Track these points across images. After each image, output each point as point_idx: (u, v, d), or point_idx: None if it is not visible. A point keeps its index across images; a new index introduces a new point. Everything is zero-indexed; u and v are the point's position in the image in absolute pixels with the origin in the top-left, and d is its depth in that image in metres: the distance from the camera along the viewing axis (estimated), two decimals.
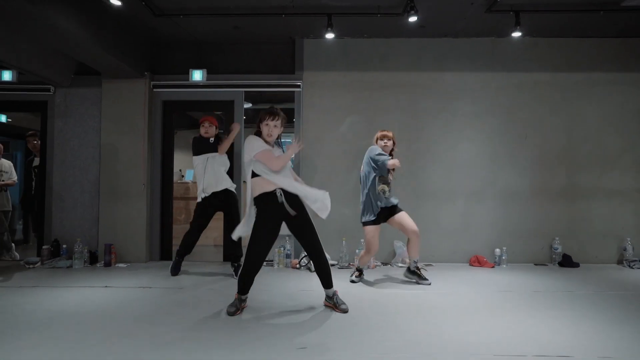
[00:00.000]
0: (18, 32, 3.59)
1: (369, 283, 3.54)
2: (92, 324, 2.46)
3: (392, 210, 3.43)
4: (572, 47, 4.47)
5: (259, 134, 2.67)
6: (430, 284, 3.43)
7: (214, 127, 3.82)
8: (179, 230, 4.92)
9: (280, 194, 2.58)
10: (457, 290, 3.30)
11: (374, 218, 3.37)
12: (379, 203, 3.36)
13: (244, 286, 2.65)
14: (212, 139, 3.78)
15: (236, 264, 3.75)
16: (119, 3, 3.09)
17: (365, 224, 3.43)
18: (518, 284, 3.51)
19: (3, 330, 2.35)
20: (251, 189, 2.63)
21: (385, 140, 3.44)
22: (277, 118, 2.62)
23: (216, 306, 2.82)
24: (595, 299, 3.03)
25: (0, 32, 3.55)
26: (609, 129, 4.47)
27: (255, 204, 2.65)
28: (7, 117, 6.04)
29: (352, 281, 3.54)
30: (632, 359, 2.00)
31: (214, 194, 3.71)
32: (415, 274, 3.52)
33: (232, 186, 3.83)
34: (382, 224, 3.47)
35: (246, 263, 2.60)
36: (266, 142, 2.64)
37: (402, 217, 3.41)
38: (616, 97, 4.46)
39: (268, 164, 2.56)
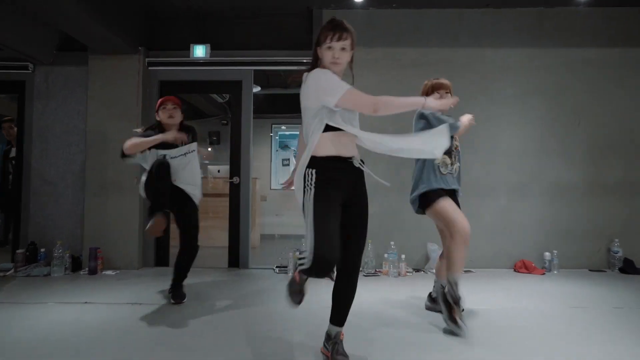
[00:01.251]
0: None
1: (396, 294, 2.93)
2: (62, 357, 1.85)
3: (452, 197, 2.41)
4: (631, 18, 3.88)
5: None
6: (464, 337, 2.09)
7: (179, 110, 2.81)
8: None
9: (360, 163, 1.72)
10: (509, 303, 2.70)
11: (435, 189, 2.33)
12: (435, 180, 2.34)
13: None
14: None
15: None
16: None
17: (425, 200, 2.36)
18: (589, 297, 2.91)
19: None
20: (312, 149, 1.64)
21: (442, 92, 2.44)
22: (344, 36, 1.64)
23: (229, 328, 2.21)
24: None
25: None
26: None
27: (314, 172, 1.63)
28: None
29: (450, 330, 2.15)
30: None
31: None
32: (447, 306, 2.17)
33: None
34: (422, 216, 2.51)
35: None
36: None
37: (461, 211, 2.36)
38: None
39: (368, 107, 1.63)
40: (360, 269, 2.82)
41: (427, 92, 2.46)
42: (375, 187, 2.07)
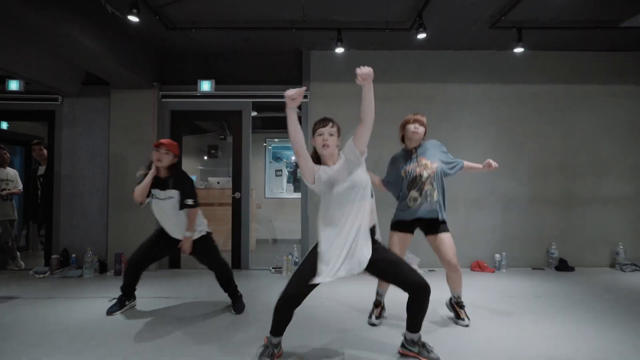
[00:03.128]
0: (30, 44, 3.60)
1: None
2: (114, 336, 2.54)
3: (434, 225, 2.71)
4: (569, 60, 4.66)
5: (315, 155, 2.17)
6: (467, 326, 2.74)
7: (171, 155, 2.87)
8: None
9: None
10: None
11: (394, 222, 2.79)
12: (400, 212, 2.75)
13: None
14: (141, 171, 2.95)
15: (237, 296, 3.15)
16: (137, 20, 3.13)
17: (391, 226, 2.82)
18: (519, 289, 3.68)
19: (29, 344, 2.41)
20: (371, 215, 2.13)
21: (417, 125, 2.69)
22: (330, 124, 2.13)
23: (231, 314, 2.91)
24: (593, 303, 3.21)
25: (13, 44, 3.57)
26: (603, 139, 4.67)
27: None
28: (7, 124, 5.98)
29: (373, 324, 2.77)
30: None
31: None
32: (453, 309, 2.87)
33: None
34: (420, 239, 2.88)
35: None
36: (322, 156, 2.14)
37: (447, 239, 2.67)
38: (610, 108, 4.67)
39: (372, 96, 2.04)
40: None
41: (405, 124, 2.78)
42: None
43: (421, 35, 3.59)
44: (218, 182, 6.42)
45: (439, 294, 3.59)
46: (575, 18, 3.79)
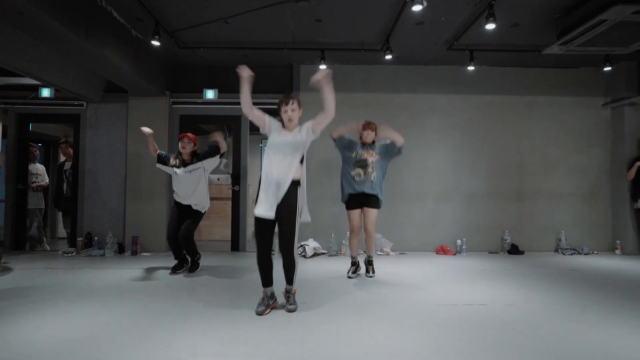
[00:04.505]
0: (69, 61, 4.36)
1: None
2: (130, 294, 3.28)
3: (368, 200, 3.64)
4: (519, 75, 5.46)
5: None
6: (372, 277, 3.75)
7: (192, 144, 3.95)
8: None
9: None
10: (426, 271, 4.21)
11: (345, 201, 3.73)
12: (348, 188, 3.67)
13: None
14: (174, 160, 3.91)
15: (190, 260, 3.98)
16: (158, 44, 3.90)
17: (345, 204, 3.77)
18: (473, 267, 4.45)
19: (67, 302, 3.14)
20: (301, 172, 2.76)
21: (368, 132, 3.68)
22: (292, 101, 2.74)
23: (232, 280, 3.66)
24: (525, 275, 3.97)
25: (54, 59, 4.32)
26: (551, 142, 5.47)
27: (297, 189, 2.71)
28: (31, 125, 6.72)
29: (349, 277, 3.76)
30: (529, 306, 2.91)
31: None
32: (365, 266, 3.84)
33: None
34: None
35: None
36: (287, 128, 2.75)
37: (372, 212, 3.65)
38: (557, 116, 5.47)
39: (332, 96, 2.63)
40: (326, 252, 4.66)
41: (362, 129, 3.73)
42: (337, 195, 3.93)
43: (388, 56, 4.37)
44: (218, 179, 7.17)
45: (410, 273, 4.35)
46: (514, 42, 4.59)
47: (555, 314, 2.71)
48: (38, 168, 5.46)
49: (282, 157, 2.66)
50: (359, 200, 3.69)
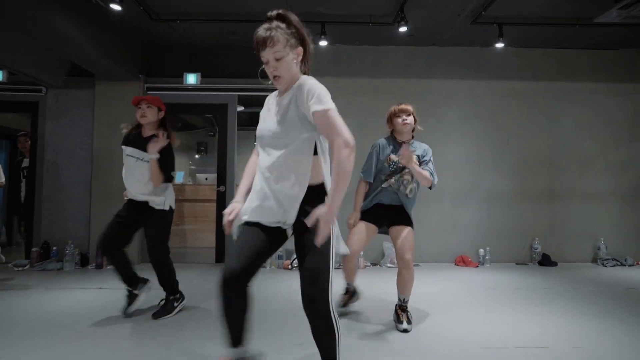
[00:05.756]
0: (13, 32, 3.59)
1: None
2: (89, 325, 2.51)
3: (398, 216, 2.52)
4: (552, 58, 4.72)
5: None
6: (407, 332, 2.40)
7: (155, 109, 2.68)
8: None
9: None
10: (445, 290, 3.46)
11: (363, 210, 2.59)
12: (374, 195, 2.56)
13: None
14: (125, 129, 2.75)
15: (172, 297, 2.74)
16: (119, 8, 3.14)
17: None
18: (501, 283, 3.70)
19: (3, 333, 2.37)
20: (310, 172, 1.47)
21: (404, 116, 2.51)
22: (270, 41, 1.41)
23: (211, 303, 2.90)
24: (573, 295, 3.24)
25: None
26: (585, 135, 4.74)
27: (311, 199, 1.47)
28: None
29: (342, 313, 2.68)
30: (603, 349, 2.18)
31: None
32: (396, 313, 2.52)
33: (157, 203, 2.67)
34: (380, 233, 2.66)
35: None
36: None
37: (406, 232, 2.44)
38: (591, 105, 4.74)
39: (340, 136, 1.34)
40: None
41: (391, 118, 2.58)
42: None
43: (403, 29, 3.62)
44: (206, 179, 6.41)
45: (430, 292, 3.59)
46: (553, 14, 3.86)
47: None
48: None
49: (275, 151, 1.48)
50: (383, 214, 2.54)
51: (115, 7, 3.10)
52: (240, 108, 5.02)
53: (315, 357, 1.52)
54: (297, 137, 1.43)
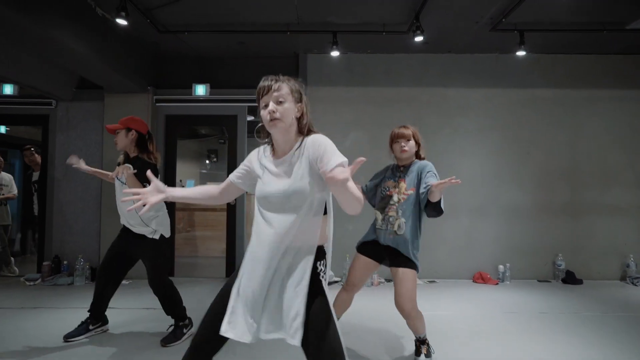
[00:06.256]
0: (20, 48, 3.57)
1: (370, 301, 3.52)
2: (97, 349, 2.43)
3: (396, 255, 2.18)
4: (574, 64, 4.49)
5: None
6: None
7: (122, 132, 2.61)
8: (180, 241, 4.90)
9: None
10: (462, 312, 3.28)
11: (360, 243, 2.38)
12: (370, 230, 2.34)
13: None
14: (120, 157, 2.71)
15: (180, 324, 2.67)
16: (125, 22, 3.06)
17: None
18: (523, 304, 3.50)
19: (9, 357, 2.31)
20: (321, 232, 1.42)
21: (403, 141, 2.28)
22: (276, 86, 1.37)
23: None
24: (602, 321, 3.02)
25: (4, 48, 3.53)
26: (611, 146, 4.48)
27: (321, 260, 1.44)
28: (6, 128, 5.99)
29: None
30: None
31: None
32: (415, 346, 2.36)
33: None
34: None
35: None
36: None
37: (401, 276, 2.13)
38: (618, 114, 4.48)
39: (351, 195, 1.24)
40: (339, 279, 3.77)
41: (391, 141, 2.35)
42: (343, 216, 2.61)
43: (418, 38, 3.47)
44: None
45: (449, 315, 3.43)
46: (578, 19, 3.64)
47: None
48: (4, 178, 4.68)
49: (280, 215, 1.36)
50: (384, 250, 2.24)
51: (122, 21, 3.03)
52: (250, 118, 4.92)
53: None
54: (312, 197, 1.36)
